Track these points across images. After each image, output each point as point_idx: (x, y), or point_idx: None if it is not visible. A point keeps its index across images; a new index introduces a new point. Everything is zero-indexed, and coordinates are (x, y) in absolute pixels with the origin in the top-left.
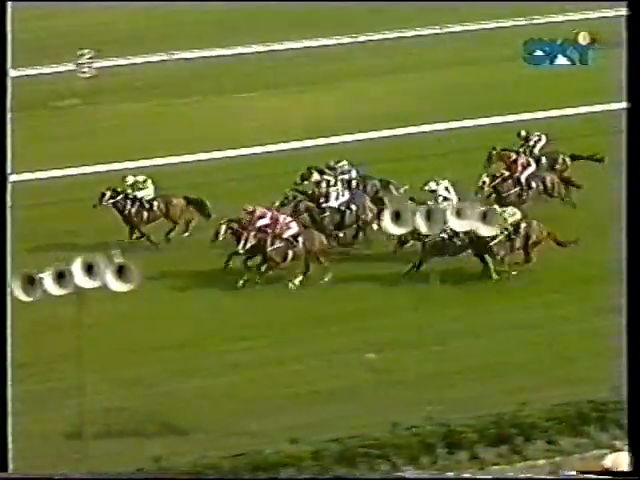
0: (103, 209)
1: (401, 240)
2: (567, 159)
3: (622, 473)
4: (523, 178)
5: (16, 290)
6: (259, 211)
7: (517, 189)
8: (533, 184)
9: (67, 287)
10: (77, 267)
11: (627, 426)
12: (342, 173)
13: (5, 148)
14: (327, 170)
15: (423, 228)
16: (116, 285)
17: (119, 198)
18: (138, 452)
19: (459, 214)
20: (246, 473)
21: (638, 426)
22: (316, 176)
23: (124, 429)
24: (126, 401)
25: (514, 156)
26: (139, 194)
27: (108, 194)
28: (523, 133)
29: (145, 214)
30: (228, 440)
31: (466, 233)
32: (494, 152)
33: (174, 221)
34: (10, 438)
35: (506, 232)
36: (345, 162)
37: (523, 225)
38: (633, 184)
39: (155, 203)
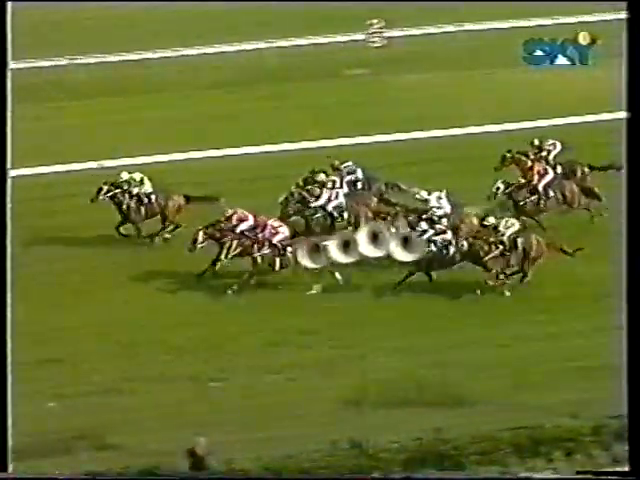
0: None
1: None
2: (585, 168)
3: (622, 473)
4: (541, 186)
5: (301, 258)
6: (239, 214)
7: (534, 197)
8: (551, 193)
9: (352, 255)
10: (362, 236)
11: (627, 426)
12: (347, 174)
13: (5, 143)
14: (332, 171)
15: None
16: (401, 255)
17: (117, 192)
18: (418, 422)
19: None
20: (526, 446)
21: (638, 426)
22: (322, 177)
23: (404, 398)
24: (406, 370)
25: (529, 163)
26: (135, 190)
27: (105, 188)
28: (536, 142)
29: (143, 210)
30: (506, 413)
31: (458, 246)
32: (508, 155)
33: (169, 218)
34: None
35: (502, 247)
36: (350, 163)
37: (520, 240)
38: (633, 197)
39: (153, 198)
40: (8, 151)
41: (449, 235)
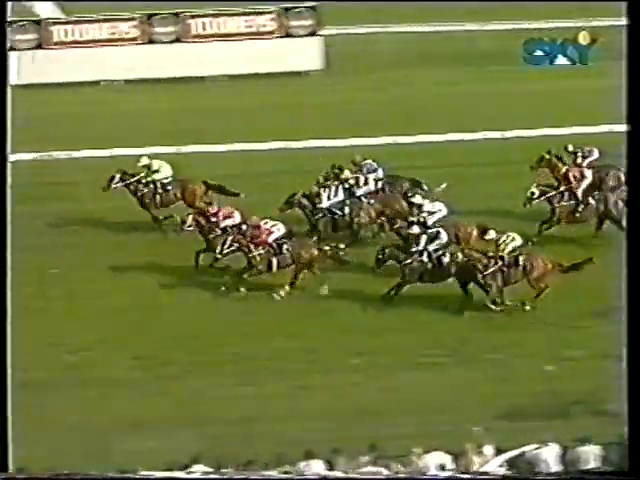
0: None
1: (379, 258)
2: (622, 178)
3: (622, 473)
4: (579, 192)
5: None
6: (224, 211)
7: (572, 204)
8: (591, 200)
9: None
10: None
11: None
12: (369, 171)
13: (5, 127)
14: (353, 166)
15: None
16: None
17: (132, 180)
18: None
19: None
20: None
21: (638, 425)
22: (347, 173)
23: None
24: None
25: (564, 169)
26: (154, 177)
27: (117, 177)
28: (570, 147)
29: (159, 198)
30: None
31: (452, 259)
32: (547, 156)
33: (191, 205)
34: None
35: (501, 262)
36: (370, 160)
37: (522, 258)
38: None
39: (170, 187)
40: (8, 136)
41: (444, 238)
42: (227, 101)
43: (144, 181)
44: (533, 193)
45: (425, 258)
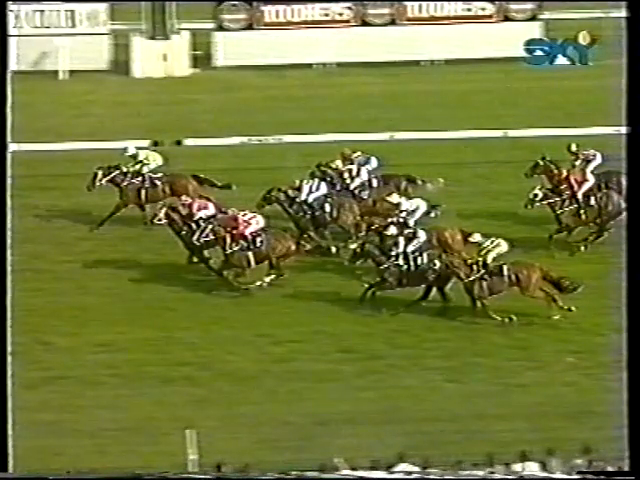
0: None
1: (355, 252)
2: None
3: (622, 473)
4: (580, 194)
5: None
6: (199, 203)
7: (574, 207)
8: (592, 201)
9: None
10: None
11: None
12: (360, 164)
13: (5, 117)
14: (345, 159)
15: None
16: None
17: (116, 174)
18: None
19: None
20: None
21: (638, 426)
22: (338, 162)
23: None
24: None
25: (565, 172)
26: (137, 168)
27: (100, 173)
28: (574, 147)
29: (144, 192)
30: None
31: (432, 264)
32: (541, 163)
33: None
34: None
35: (484, 270)
36: (359, 153)
37: (506, 267)
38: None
39: (159, 182)
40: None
41: (422, 237)
42: (443, 86)
43: (125, 170)
44: (536, 195)
45: (401, 261)
